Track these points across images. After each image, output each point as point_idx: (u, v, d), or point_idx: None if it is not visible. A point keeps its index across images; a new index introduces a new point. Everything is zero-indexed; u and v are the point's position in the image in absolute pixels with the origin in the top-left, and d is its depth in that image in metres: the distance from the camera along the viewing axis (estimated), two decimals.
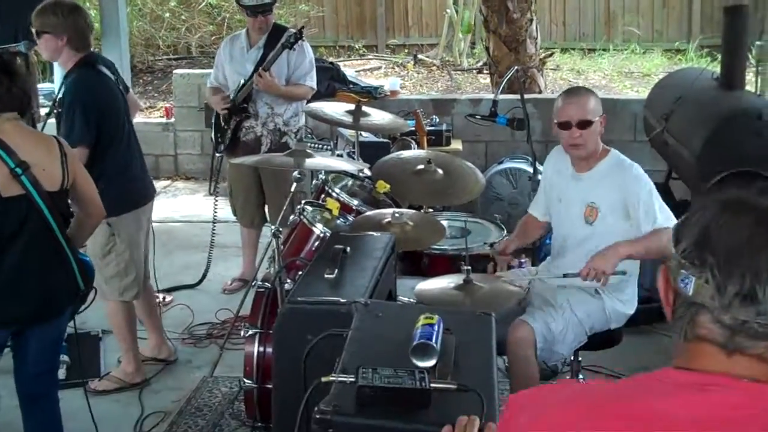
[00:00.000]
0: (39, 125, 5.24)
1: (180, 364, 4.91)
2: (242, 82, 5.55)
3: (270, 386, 3.57)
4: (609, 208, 3.75)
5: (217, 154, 5.97)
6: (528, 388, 3.64)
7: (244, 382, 3.80)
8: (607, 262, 3.56)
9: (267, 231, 5.77)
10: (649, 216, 3.64)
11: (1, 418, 4.19)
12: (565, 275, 3.74)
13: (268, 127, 5.61)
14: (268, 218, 5.87)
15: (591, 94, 3.81)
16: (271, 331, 3.70)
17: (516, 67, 5.42)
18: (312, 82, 5.67)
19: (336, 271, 3.06)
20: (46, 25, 4.23)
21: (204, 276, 6.05)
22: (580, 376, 4.00)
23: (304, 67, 5.61)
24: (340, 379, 2.09)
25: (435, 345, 2.20)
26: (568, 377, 4.05)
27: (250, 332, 3.84)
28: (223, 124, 5.70)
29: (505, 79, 4.94)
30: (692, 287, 1.36)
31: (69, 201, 3.44)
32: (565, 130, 3.75)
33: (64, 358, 4.65)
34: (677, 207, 4.28)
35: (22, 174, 3.16)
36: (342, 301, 2.81)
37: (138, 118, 4.74)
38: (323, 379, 2.10)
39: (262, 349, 3.78)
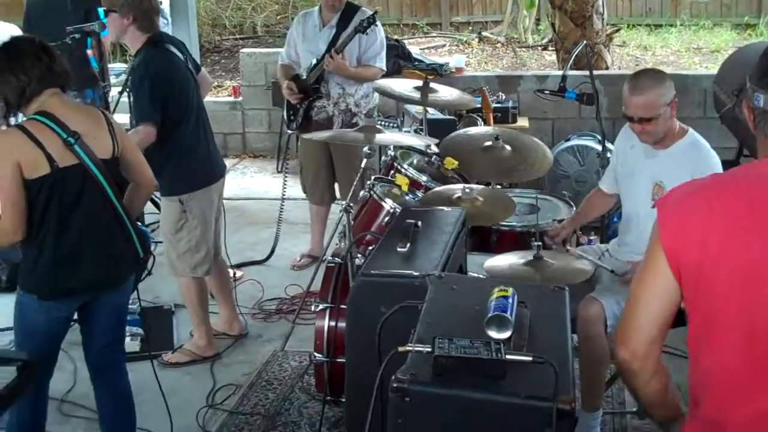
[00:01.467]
0: (111, 104, 5.37)
1: (250, 339, 4.99)
2: (314, 61, 5.57)
3: (340, 360, 3.66)
4: None
5: (289, 132, 6.03)
6: (597, 365, 3.66)
7: (315, 356, 3.85)
8: None
9: (335, 208, 5.87)
10: None
11: (79, 390, 4.33)
12: (612, 271, 3.78)
13: (340, 107, 5.64)
14: (338, 195, 5.91)
15: (656, 86, 3.68)
16: (342, 306, 3.77)
17: (584, 42, 5.35)
18: (382, 63, 5.67)
19: (408, 244, 3.09)
20: (113, 4, 4.31)
21: (272, 252, 6.14)
22: None
23: (375, 49, 5.61)
24: (416, 348, 2.11)
25: (510, 317, 2.21)
26: None
27: (321, 307, 3.88)
28: (296, 102, 5.73)
29: (574, 54, 4.91)
30: (762, 101, 1.97)
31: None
32: (629, 121, 3.76)
33: (138, 330, 4.78)
34: None
35: (75, 143, 3.22)
36: (415, 274, 2.84)
37: (206, 98, 4.81)
38: (400, 349, 2.12)
39: (332, 323, 3.81)
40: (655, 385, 2.16)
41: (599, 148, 6.60)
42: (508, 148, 4.64)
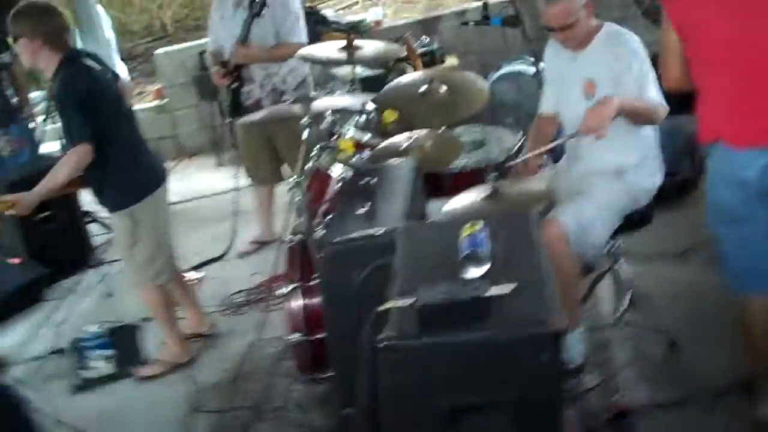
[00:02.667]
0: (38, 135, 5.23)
1: (223, 335, 4.91)
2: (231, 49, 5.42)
3: (320, 337, 3.60)
4: (607, 81, 3.70)
5: (226, 121, 5.89)
6: (569, 284, 3.64)
7: (290, 338, 3.78)
8: (602, 120, 3.48)
9: (282, 192, 5.76)
10: (639, 85, 3.62)
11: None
12: (570, 136, 3.75)
13: (267, 89, 5.49)
14: (285, 172, 5.81)
15: None
16: (311, 283, 3.70)
17: None
18: (300, 36, 5.49)
19: (367, 204, 3.02)
20: (19, 30, 4.16)
21: (231, 245, 6.03)
22: (620, 263, 3.95)
23: (290, 22, 5.42)
24: (397, 304, 2.05)
25: (483, 252, 2.16)
26: (606, 266, 4.00)
27: (290, 287, 3.81)
28: (227, 87, 5.58)
29: None
30: None
31: None
32: (551, 32, 3.78)
33: (110, 352, 4.70)
34: None
35: None
36: (380, 232, 2.77)
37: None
38: (379, 308, 2.06)
39: (305, 301, 3.74)
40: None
41: (532, 69, 6.58)
42: (444, 88, 4.58)
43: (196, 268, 5.66)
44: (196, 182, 7.77)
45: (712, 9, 3.02)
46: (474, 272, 2.11)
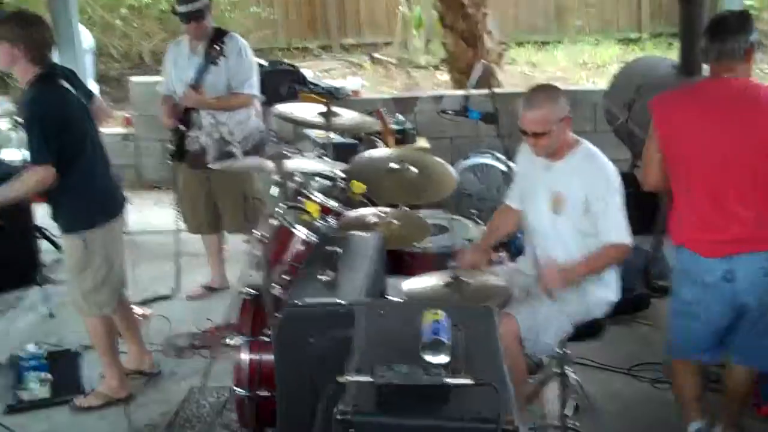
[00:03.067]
0: None
1: (164, 376, 4.87)
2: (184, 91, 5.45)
3: (264, 394, 3.63)
4: (576, 201, 3.79)
5: (169, 162, 5.88)
6: (517, 381, 3.70)
7: (235, 391, 3.77)
8: (560, 282, 3.71)
9: (234, 239, 5.88)
10: (605, 222, 3.74)
11: None
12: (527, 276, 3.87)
13: (213, 137, 5.47)
14: (223, 225, 5.83)
15: (550, 102, 3.78)
16: (260, 338, 3.72)
17: (482, 62, 5.44)
18: (252, 89, 5.56)
19: (330, 272, 3.06)
20: (2, 33, 4.17)
21: (177, 286, 6.00)
22: (569, 369, 4.04)
23: (243, 74, 5.49)
24: (356, 378, 2.09)
25: (445, 341, 2.21)
26: (554, 370, 4.08)
27: (240, 340, 3.82)
28: (172, 130, 5.58)
29: (477, 75, 4.97)
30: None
31: None
32: (524, 135, 3.85)
33: (47, 375, 4.61)
34: (643, 196, 4.34)
35: None
36: (342, 302, 2.81)
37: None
38: (339, 380, 2.10)
39: (251, 356, 3.75)
40: None
41: (498, 165, 6.72)
42: (414, 169, 4.65)
43: (142, 303, 5.62)
44: (150, 216, 7.73)
45: (690, 133, 3.62)
46: (435, 359, 2.15)
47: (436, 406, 2.05)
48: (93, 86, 7.01)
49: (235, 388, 3.77)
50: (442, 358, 2.16)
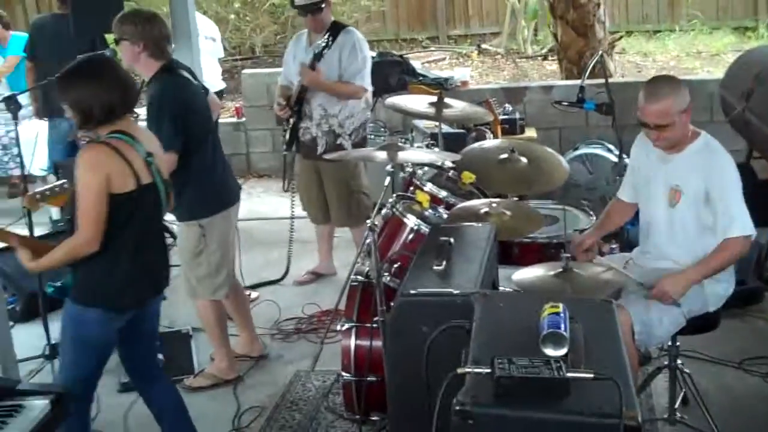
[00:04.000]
0: None
1: (271, 360, 4.95)
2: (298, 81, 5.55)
3: (370, 379, 3.67)
4: (693, 195, 3.69)
5: (285, 153, 5.98)
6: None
7: (342, 376, 3.82)
8: (676, 288, 3.60)
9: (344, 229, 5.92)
10: (725, 216, 3.61)
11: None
12: (639, 284, 3.74)
13: (323, 129, 5.56)
14: (331, 216, 5.89)
15: (672, 93, 3.66)
16: (366, 325, 3.74)
17: (600, 52, 5.34)
18: (363, 81, 5.57)
19: (443, 262, 3.05)
20: (123, 32, 4.27)
21: (287, 272, 6.09)
22: (679, 362, 3.95)
23: (355, 66, 5.51)
24: (475, 370, 2.08)
25: (565, 334, 2.18)
26: (665, 362, 4.00)
27: (347, 326, 3.85)
28: (284, 124, 5.71)
29: (591, 65, 4.89)
30: None
31: None
32: (645, 127, 3.75)
33: (159, 356, 4.73)
34: (759, 186, 4.20)
35: (152, 163, 3.42)
36: (456, 292, 2.80)
37: None
38: (459, 371, 2.08)
39: (358, 342, 3.80)
40: None
41: (608, 156, 6.61)
42: (524, 159, 4.60)
43: (252, 287, 5.71)
44: (259, 203, 7.88)
45: None
46: (553, 352, 2.13)
47: (556, 399, 2.02)
48: (218, 69, 7.40)
49: (342, 373, 3.81)
50: (561, 351, 2.13)
